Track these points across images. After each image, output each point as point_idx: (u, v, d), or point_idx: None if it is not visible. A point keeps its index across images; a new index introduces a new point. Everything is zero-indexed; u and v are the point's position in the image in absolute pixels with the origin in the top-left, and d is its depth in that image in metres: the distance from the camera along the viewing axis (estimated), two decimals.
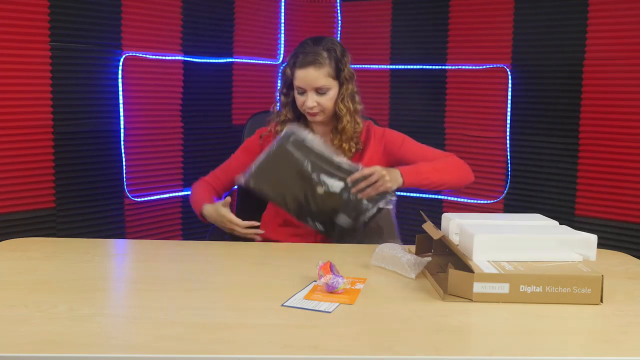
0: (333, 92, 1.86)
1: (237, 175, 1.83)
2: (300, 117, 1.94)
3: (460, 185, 1.91)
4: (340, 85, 1.87)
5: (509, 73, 2.92)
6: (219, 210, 1.77)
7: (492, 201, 3.01)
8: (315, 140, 1.77)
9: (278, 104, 1.96)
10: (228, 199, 1.80)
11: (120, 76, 2.64)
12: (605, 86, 2.69)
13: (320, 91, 1.84)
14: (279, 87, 1.97)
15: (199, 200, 1.89)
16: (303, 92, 1.85)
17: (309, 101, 1.84)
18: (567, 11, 2.75)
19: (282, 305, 1.24)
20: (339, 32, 3.37)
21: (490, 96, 2.99)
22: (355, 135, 1.91)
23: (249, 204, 2.07)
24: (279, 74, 1.97)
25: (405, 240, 1.80)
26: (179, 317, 1.17)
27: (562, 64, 2.79)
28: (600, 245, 1.43)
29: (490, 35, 2.97)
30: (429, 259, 1.50)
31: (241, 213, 1.96)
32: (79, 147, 2.55)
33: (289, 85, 1.90)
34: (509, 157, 2.95)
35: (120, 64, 2.63)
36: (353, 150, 1.90)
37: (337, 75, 1.86)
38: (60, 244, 1.77)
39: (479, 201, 3.05)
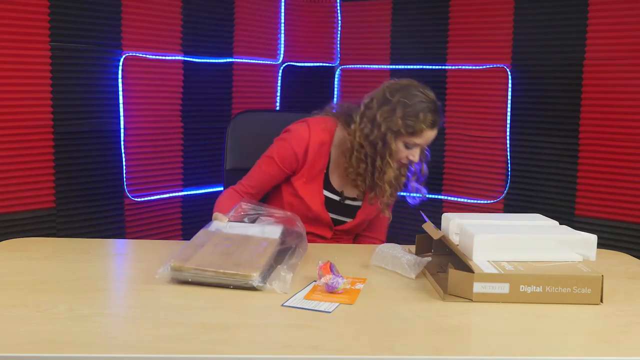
0: None
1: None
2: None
3: None
4: None
5: (509, 73, 2.92)
6: (215, 215, 1.70)
7: (492, 201, 3.01)
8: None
9: (369, 151, 1.77)
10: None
11: (120, 76, 2.64)
12: (605, 86, 2.68)
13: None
14: (373, 132, 1.75)
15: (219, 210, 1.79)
16: (413, 146, 1.76)
17: (417, 156, 1.76)
18: (567, 11, 2.75)
19: (282, 305, 1.24)
20: (339, 32, 3.37)
21: (490, 96, 2.99)
22: None
23: None
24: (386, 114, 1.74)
25: (406, 240, 1.79)
26: (179, 317, 1.17)
27: (562, 64, 2.79)
28: (600, 245, 1.43)
29: (490, 35, 2.97)
30: (429, 259, 1.50)
31: None
32: (79, 147, 2.55)
33: (390, 136, 1.75)
34: (509, 157, 2.95)
35: (120, 64, 2.63)
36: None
37: None
38: (60, 244, 1.77)
39: (479, 201, 3.05)
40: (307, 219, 1.79)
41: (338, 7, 3.35)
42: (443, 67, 3.10)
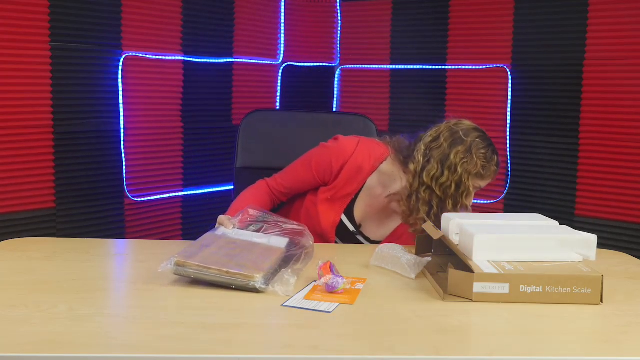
0: None
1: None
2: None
3: None
4: None
5: (509, 73, 2.92)
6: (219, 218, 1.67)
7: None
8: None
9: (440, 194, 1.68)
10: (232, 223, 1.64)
11: (120, 76, 2.64)
12: (605, 86, 2.68)
13: None
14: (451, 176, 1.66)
15: (236, 207, 1.75)
16: (474, 190, 1.73)
17: (471, 202, 1.73)
18: (567, 11, 2.75)
19: (282, 305, 1.24)
20: (339, 32, 3.37)
21: (490, 96, 2.99)
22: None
23: None
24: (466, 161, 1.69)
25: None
26: (179, 317, 1.17)
27: (562, 64, 2.79)
28: (600, 245, 1.43)
29: (490, 35, 2.97)
30: (429, 259, 1.50)
31: None
32: (79, 147, 2.55)
33: (467, 177, 1.69)
34: (509, 157, 2.95)
35: (120, 64, 2.63)
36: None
37: None
38: (60, 244, 1.77)
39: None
40: (314, 232, 1.74)
41: (338, 7, 3.35)
42: (443, 67, 3.10)
